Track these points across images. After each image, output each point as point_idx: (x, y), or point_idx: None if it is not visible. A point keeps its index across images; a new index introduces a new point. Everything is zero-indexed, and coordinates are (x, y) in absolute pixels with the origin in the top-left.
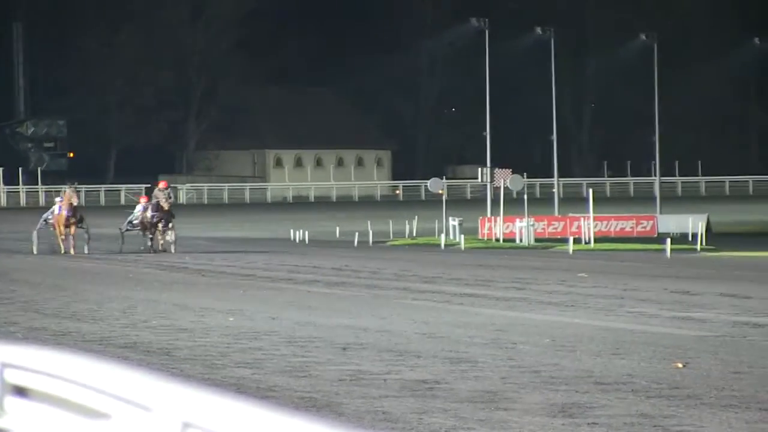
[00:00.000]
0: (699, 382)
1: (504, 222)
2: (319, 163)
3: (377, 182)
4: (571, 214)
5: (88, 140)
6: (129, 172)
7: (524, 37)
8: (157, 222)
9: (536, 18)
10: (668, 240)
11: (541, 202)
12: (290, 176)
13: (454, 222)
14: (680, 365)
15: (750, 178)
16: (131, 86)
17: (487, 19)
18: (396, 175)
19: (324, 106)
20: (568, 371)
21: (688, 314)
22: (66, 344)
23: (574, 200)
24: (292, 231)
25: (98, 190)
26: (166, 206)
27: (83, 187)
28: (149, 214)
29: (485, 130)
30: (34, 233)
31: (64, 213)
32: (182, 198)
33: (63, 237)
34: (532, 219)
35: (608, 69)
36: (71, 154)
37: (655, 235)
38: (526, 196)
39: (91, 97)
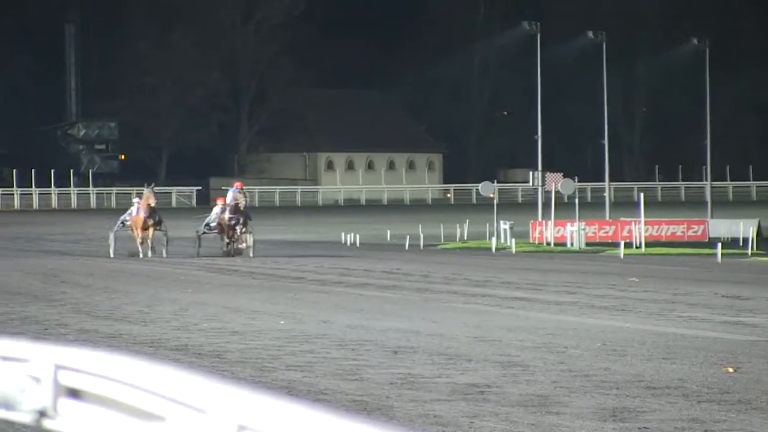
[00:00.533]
0: (750, 387)
1: (555, 226)
2: (370, 166)
3: (428, 186)
4: (622, 219)
5: (139, 142)
6: (180, 175)
7: (576, 41)
8: (235, 225)
9: (587, 21)
10: (719, 245)
11: (592, 207)
12: (341, 179)
13: (505, 226)
14: (731, 370)
15: None
16: (182, 88)
17: (538, 23)
18: (447, 179)
19: (375, 109)
20: (618, 375)
21: (738, 319)
22: (117, 346)
23: (625, 204)
24: (343, 234)
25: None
26: (242, 204)
27: (134, 189)
28: (227, 216)
29: (536, 134)
30: (111, 235)
31: (142, 215)
32: None
33: (141, 240)
34: (583, 223)
35: (660, 73)
36: (122, 157)
37: (706, 240)
38: (577, 200)
39: (142, 99)
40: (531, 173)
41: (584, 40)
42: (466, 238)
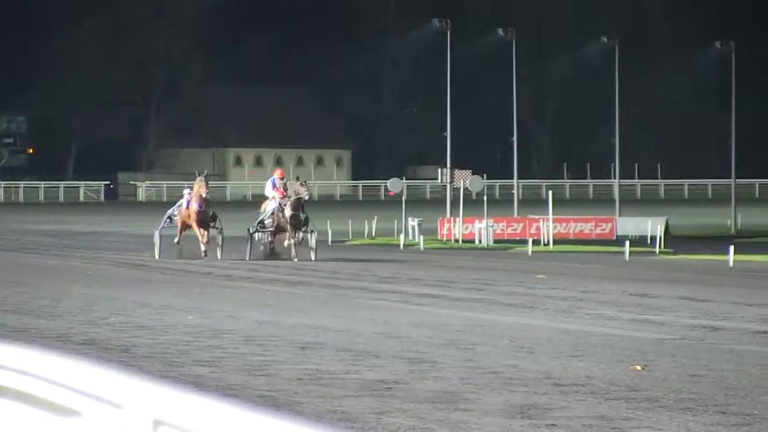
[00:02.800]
0: (657, 384)
1: (463, 223)
2: (278, 162)
3: (337, 182)
4: (530, 216)
5: (49, 137)
6: (89, 169)
7: (486, 39)
8: (299, 223)
9: (498, 19)
10: (627, 242)
11: (500, 204)
12: (250, 175)
13: (413, 222)
14: (639, 368)
15: (709, 182)
16: (92, 83)
17: (448, 20)
18: (356, 175)
19: (285, 105)
20: (526, 373)
21: (646, 317)
22: (25, 341)
23: (533, 202)
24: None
25: (57, 187)
26: (306, 195)
27: (42, 183)
28: (287, 212)
29: (446, 131)
30: (156, 233)
31: (195, 206)
32: (141, 196)
33: (201, 236)
34: (492, 220)
35: (569, 71)
36: (31, 150)
37: (614, 238)
38: (485, 198)
39: (51, 93)
40: (440, 170)
41: (495, 38)
42: (374, 234)
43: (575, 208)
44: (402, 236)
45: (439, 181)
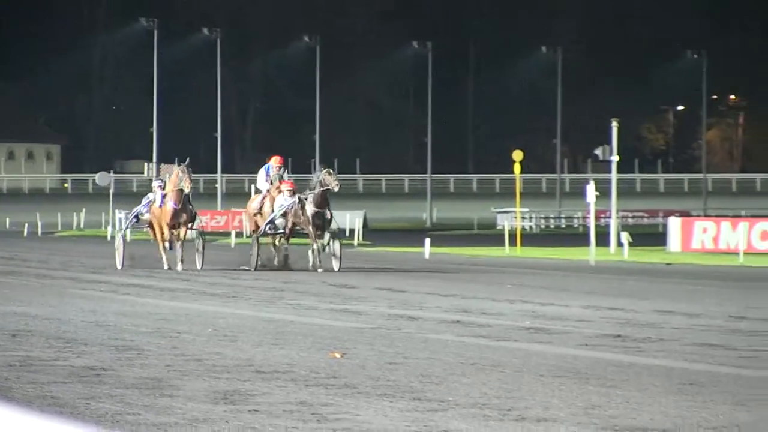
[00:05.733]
0: (355, 371)
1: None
2: None
3: (46, 175)
4: (233, 209)
5: None
6: None
7: (192, 38)
8: (324, 224)
9: (204, 19)
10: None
11: (205, 197)
12: None
13: (120, 215)
14: (338, 355)
15: (406, 177)
16: None
17: (155, 20)
18: (65, 169)
19: None
20: (230, 360)
21: (345, 307)
22: None
23: (237, 195)
24: None
25: None
26: (336, 187)
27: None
28: (310, 211)
29: (152, 127)
30: (118, 238)
31: (170, 205)
32: None
33: (166, 243)
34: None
35: (273, 70)
36: None
37: None
38: (191, 192)
39: None
40: (146, 164)
41: (201, 37)
42: (82, 226)
43: None
44: (110, 228)
45: (146, 175)
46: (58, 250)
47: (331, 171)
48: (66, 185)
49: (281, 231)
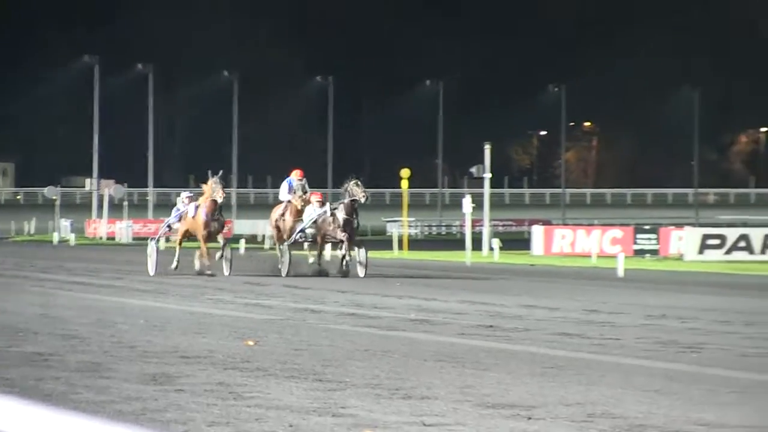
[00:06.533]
0: (266, 357)
1: (108, 223)
2: None
3: (2, 189)
4: (162, 218)
5: None
6: None
7: (129, 71)
8: (352, 233)
9: (140, 56)
10: (242, 240)
11: (138, 208)
12: None
13: (66, 222)
14: (251, 343)
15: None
16: None
17: (98, 56)
18: (19, 183)
19: None
20: (158, 347)
21: (257, 301)
22: None
23: (165, 206)
24: None
25: None
26: (363, 198)
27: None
28: (341, 217)
29: (92, 147)
30: (152, 245)
31: (202, 216)
32: None
33: (203, 252)
34: (131, 221)
35: (197, 98)
36: None
37: (231, 236)
38: (126, 203)
39: None
40: (87, 180)
41: (136, 71)
42: (33, 232)
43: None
44: (56, 234)
45: (88, 188)
46: (11, 252)
47: (359, 183)
48: (18, 197)
49: (311, 240)
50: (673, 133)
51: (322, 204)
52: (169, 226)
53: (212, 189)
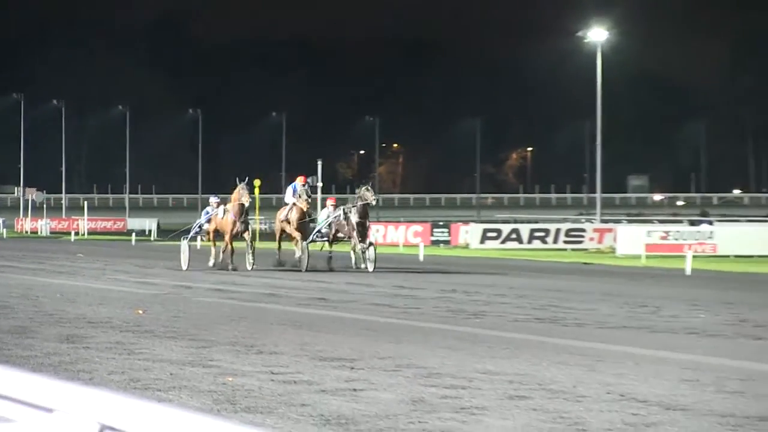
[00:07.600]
0: (153, 322)
1: (31, 221)
2: None
3: None
4: (73, 216)
5: None
6: None
7: (46, 105)
8: (365, 232)
9: (55, 91)
10: (133, 234)
11: (54, 209)
12: None
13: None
14: (141, 312)
15: (185, 197)
16: None
17: (22, 93)
18: None
19: None
20: (71, 314)
21: (146, 280)
22: None
23: (75, 208)
24: None
25: None
26: (373, 201)
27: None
28: (354, 219)
29: (20, 163)
30: (184, 243)
31: (230, 217)
32: None
33: (225, 249)
34: (49, 219)
35: (99, 127)
36: None
37: (126, 230)
38: (45, 205)
39: None
40: (16, 188)
41: (52, 105)
42: None
43: (105, 213)
44: None
45: (15, 194)
46: None
47: (369, 188)
48: None
49: (326, 239)
50: (461, 152)
51: (336, 207)
52: (200, 227)
53: (239, 194)
